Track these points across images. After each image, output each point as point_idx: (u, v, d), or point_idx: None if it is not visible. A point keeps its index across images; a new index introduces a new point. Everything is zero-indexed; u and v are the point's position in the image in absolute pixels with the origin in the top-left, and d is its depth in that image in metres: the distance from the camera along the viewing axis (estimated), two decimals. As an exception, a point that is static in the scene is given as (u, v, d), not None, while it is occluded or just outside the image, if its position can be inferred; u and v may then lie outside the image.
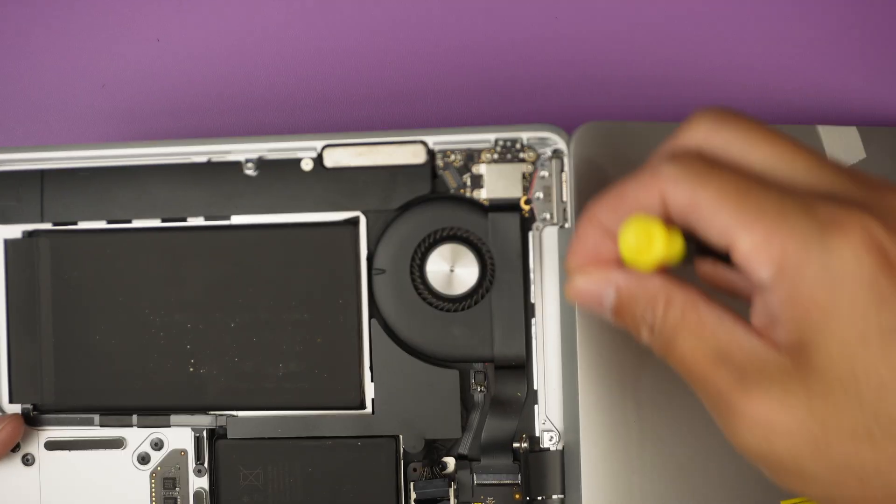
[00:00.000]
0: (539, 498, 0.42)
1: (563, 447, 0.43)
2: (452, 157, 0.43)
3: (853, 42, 0.53)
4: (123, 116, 0.54)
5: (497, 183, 0.43)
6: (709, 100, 0.52)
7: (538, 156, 0.43)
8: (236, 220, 0.44)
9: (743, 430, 0.27)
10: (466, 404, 0.43)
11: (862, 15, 0.53)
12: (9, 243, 0.44)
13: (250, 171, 0.43)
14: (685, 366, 0.29)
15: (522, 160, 0.43)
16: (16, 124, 0.54)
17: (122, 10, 0.54)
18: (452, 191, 0.43)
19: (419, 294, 0.43)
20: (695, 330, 0.28)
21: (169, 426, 0.44)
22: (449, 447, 0.44)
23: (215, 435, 0.44)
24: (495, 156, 0.43)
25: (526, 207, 0.43)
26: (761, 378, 0.27)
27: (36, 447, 0.44)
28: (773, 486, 0.42)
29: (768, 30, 0.53)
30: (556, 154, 0.43)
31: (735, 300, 0.30)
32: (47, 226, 0.44)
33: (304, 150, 0.43)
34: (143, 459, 0.44)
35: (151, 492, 0.44)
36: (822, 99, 0.53)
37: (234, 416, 0.43)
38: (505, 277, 0.43)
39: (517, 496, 0.43)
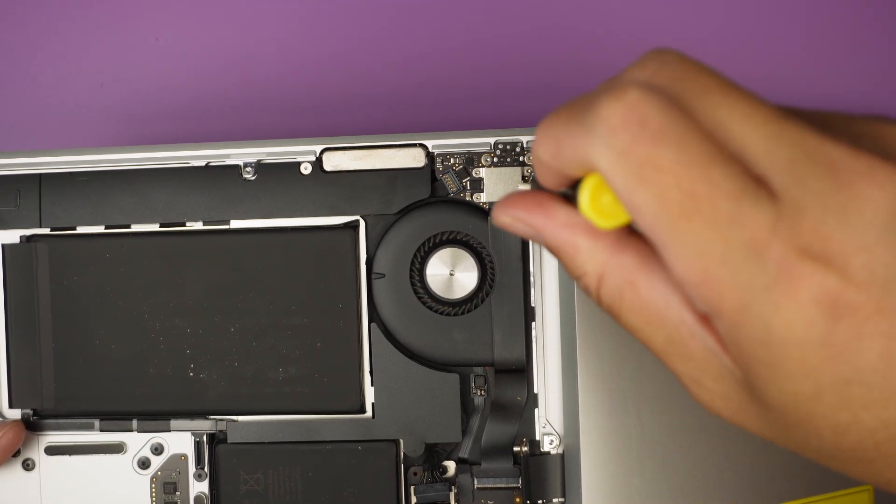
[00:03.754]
0: (540, 502, 0.42)
1: (564, 451, 0.43)
2: (452, 160, 0.43)
3: (855, 44, 0.53)
4: (122, 116, 0.54)
5: (497, 186, 0.43)
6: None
7: (538, 159, 0.43)
8: (235, 224, 0.43)
9: (696, 399, 0.26)
10: (467, 408, 0.43)
11: (863, 17, 0.53)
12: (7, 248, 0.44)
13: (249, 176, 0.43)
14: (638, 338, 0.26)
15: (522, 163, 0.43)
16: (14, 123, 0.54)
17: (122, 9, 0.54)
18: (452, 194, 0.43)
19: (419, 298, 0.43)
20: (639, 314, 0.25)
21: (169, 431, 0.44)
22: (449, 451, 0.44)
23: (215, 439, 0.44)
24: (495, 159, 0.43)
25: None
26: (721, 386, 0.25)
27: (36, 452, 0.44)
28: (772, 489, 0.42)
29: (767, 32, 0.53)
30: (556, 157, 0.42)
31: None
32: (45, 231, 0.44)
33: (302, 154, 0.43)
34: (144, 464, 0.44)
35: (152, 496, 0.44)
36: (821, 100, 0.52)
37: (234, 420, 0.43)
38: (505, 281, 0.43)
39: (518, 500, 0.43)
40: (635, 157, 0.23)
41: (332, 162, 0.43)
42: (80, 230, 0.44)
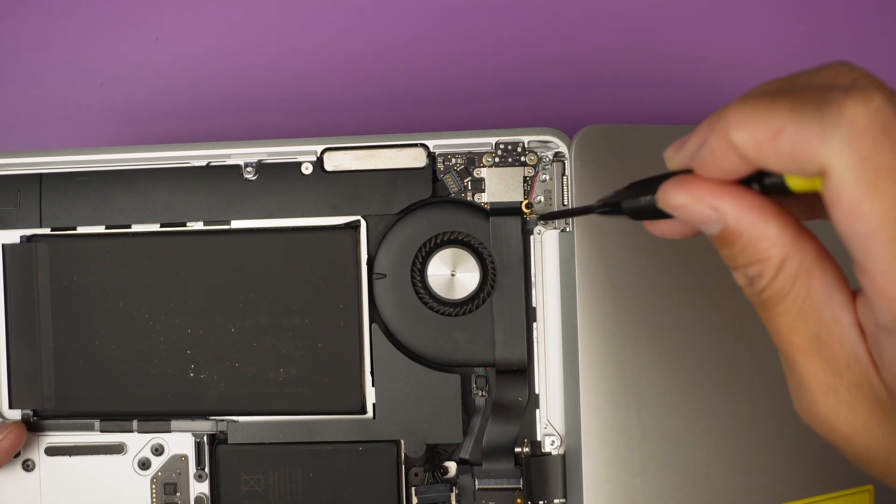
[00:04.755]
0: (541, 502, 0.42)
1: (565, 451, 0.43)
2: (453, 160, 0.43)
3: (856, 44, 0.53)
4: (122, 115, 0.54)
5: (498, 186, 0.43)
6: (710, 102, 0.52)
7: (539, 159, 0.43)
8: (236, 224, 0.43)
9: (810, 415, 0.25)
10: (468, 409, 0.43)
11: (865, 17, 0.53)
12: (7, 248, 0.44)
13: (250, 176, 0.43)
14: (775, 333, 0.26)
15: (524, 163, 0.43)
16: (14, 122, 0.54)
17: (122, 9, 0.54)
18: (453, 195, 0.43)
19: (420, 298, 0.43)
20: (800, 305, 0.25)
21: (169, 431, 0.43)
22: (450, 452, 0.44)
23: (216, 440, 0.44)
24: (496, 159, 0.43)
25: (527, 211, 0.43)
26: (853, 397, 0.25)
27: (36, 453, 0.44)
28: (774, 490, 0.42)
29: (770, 32, 0.53)
30: (558, 157, 0.42)
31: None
32: (46, 231, 0.44)
33: (303, 154, 0.43)
34: (144, 465, 0.44)
35: (152, 497, 0.44)
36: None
37: (234, 421, 0.43)
38: (506, 281, 0.43)
39: (519, 500, 0.43)
40: (875, 164, 0.22)
41: (333, 162, 0.43)
42: (81, 230, 0.44)
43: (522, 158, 0.43)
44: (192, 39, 0.54)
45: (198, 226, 0.43)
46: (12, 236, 0.44)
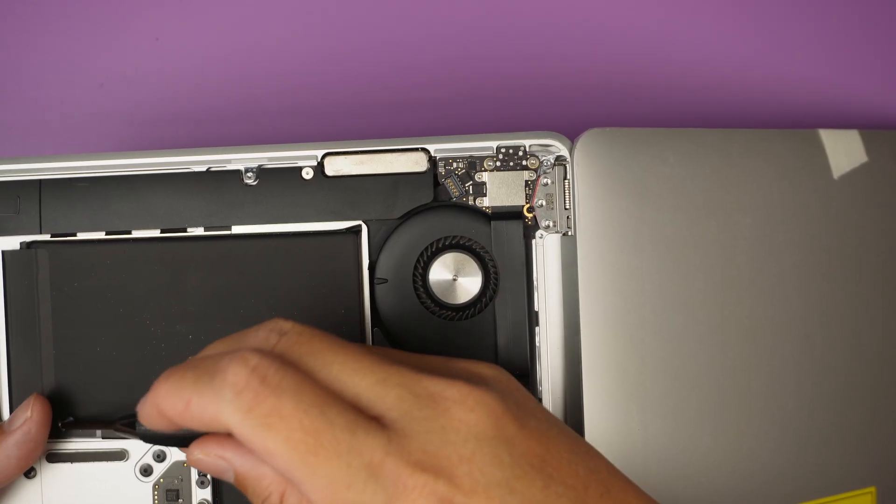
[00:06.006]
0: (544, 507, 0.42)
1: (568, 456, 0.43)
2: (454, 164, 0.43)
3: (855, 45, 0.53)
4: (122, 116, 0.54)
5: (500, 191, 0.43)
6: (711, 104, 0.52)
7: (541, 163, 0.43)
8: (237, 229, 0.43)
9: None
10: (470, 413, 0.43)
11: (864, 18, 0.53)
12: (7, 255, 0.43)
13: (250, 181, 0.43)
14: None
15: (525, 168, 0.43)
16: (13, 123, 0.54)
17: (122, 8, 0.54)
18: (455, 199, 0.43)
19: (422, 303, 0.43)
20: None
21: None
22: (453, 456, 0.44)
23: (218, 446, 0.43)
24: (498, 163, 0.43)
25: (529, 215, 0.43)
26: None
27: (38, 460, 0.44)
28: (775, 493, 0.42)
29: (770, 34, 0.53)
30: (559, 161, 0.42)
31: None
32: (46, 237, 0.44)
33: (304, 159, 0.43)
34: (146, 471, 0.44)
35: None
36: (823, 102, 0.52)
37: None
38: (508, 286, 0.43)
39: (522, 505, 0.43)
40: (261, 410, 0.27)
41: (334, 167, 0.43)
42: (81, 236, 0.44)
43: (524, 162, 0.43)
44: (193, 40, 0.53)
45: (198, 231, 0.43)
46: (12, 243, 0.44)
